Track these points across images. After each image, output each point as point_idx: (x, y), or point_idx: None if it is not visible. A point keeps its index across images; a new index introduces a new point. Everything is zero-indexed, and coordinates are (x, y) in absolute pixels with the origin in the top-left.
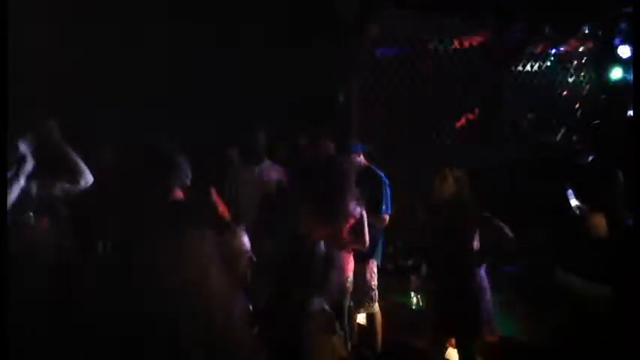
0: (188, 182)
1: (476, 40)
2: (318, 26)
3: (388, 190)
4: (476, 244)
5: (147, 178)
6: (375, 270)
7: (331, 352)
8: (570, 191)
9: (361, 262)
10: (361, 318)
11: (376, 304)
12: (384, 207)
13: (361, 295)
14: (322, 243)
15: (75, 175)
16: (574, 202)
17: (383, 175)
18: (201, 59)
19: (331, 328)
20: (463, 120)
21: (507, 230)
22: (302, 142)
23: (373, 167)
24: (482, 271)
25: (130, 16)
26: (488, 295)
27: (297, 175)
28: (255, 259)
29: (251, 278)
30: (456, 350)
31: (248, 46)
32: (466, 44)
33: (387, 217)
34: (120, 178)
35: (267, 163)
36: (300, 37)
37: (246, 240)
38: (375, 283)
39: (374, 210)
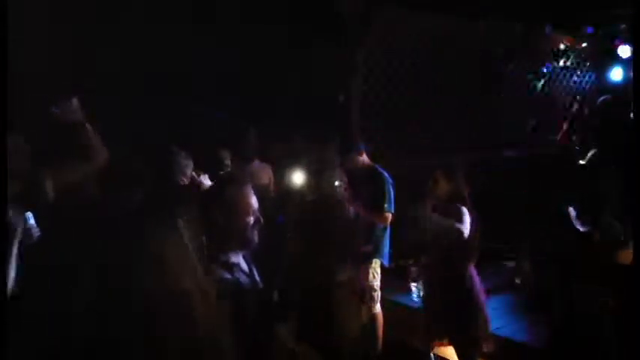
0: (188, 178)
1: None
2: (318, 26)
3: (391, 189)
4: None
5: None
6: (379, 270)
7: (358, 319)
8: (572, 210)
9: (364, 262)
10: None
11: (378, 305)
12: (386, 206)
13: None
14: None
15: (90, 153)
16: (575, 220)
17: (386, 173)
18: (199, 59)
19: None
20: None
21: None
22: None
23: (376, 166)
24: (473, 271)
25: (127, 13)
26: (480, 297)
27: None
28: (262, 220)
29: (258, 241)
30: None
31: (247, 46)
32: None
33: (389, 216)
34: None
35: (257, 162)
36: (301, 36)
37: (254, 199)
38: (377, 283)
39: (377, 209)
